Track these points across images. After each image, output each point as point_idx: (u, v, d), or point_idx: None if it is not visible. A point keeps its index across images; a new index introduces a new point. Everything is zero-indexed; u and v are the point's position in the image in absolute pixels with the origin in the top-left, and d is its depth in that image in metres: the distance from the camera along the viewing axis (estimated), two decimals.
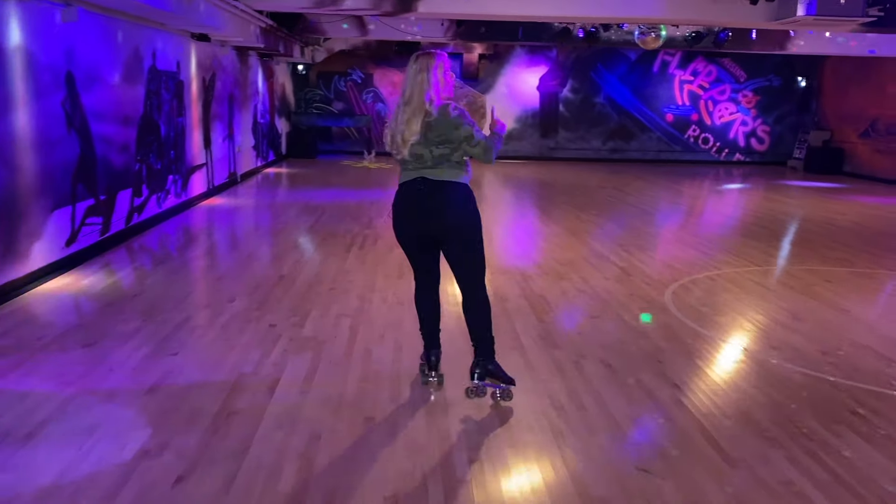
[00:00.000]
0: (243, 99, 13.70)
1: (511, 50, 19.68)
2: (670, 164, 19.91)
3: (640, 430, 3.73)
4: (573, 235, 9.02)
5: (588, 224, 9.95)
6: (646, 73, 19.98)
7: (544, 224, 9.84)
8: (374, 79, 19.74)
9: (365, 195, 12.17)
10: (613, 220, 10.67)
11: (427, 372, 4.21)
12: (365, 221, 9.62)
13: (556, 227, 9.57)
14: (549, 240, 8.74)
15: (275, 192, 12.84)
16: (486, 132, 4.10)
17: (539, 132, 20.10)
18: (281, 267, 6.92)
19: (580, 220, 10.23)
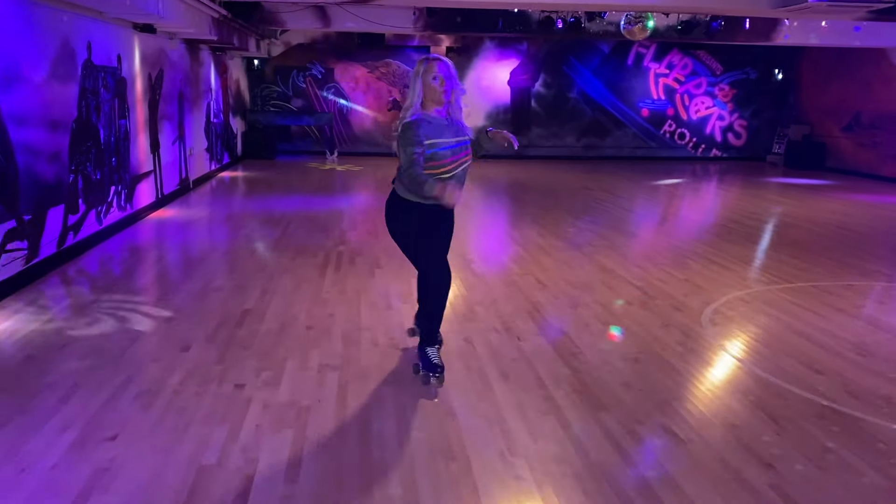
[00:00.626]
0: (195, 97, 12.46)
1: (480, 43, 18.69)
2: (646, 161, 19.15)
3: None
4: (575, 248, 8.07)
5: (586, 233, 9.02)
6: (620, 66, 19.19)
7: (539, 234, 8.86)
8: (336, 74, 18.58)
9: (334, 202, 11.06)
10: (611, 226, 9.77)
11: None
12: (337, 235, 8.53)
13: (554, 239, 8.59)
14: (550, 254, 7.77)
15: (231, 201, 11.65)
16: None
17: (511, 129, 19.09)
18: (245, 298, 5.81)
19: (577, 229, 9.28)
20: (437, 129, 3.93)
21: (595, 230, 9.23)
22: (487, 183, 13.82)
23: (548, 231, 9.07)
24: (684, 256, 7.75)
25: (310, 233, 8.63)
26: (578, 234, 8.96)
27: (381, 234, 8.40)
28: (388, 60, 18.53)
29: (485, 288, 6.28)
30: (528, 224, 9.58)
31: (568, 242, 8.39)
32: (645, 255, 7.77)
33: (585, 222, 9.85)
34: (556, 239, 8.57)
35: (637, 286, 6.45)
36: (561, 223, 9.71)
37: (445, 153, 3.94)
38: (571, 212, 10.81)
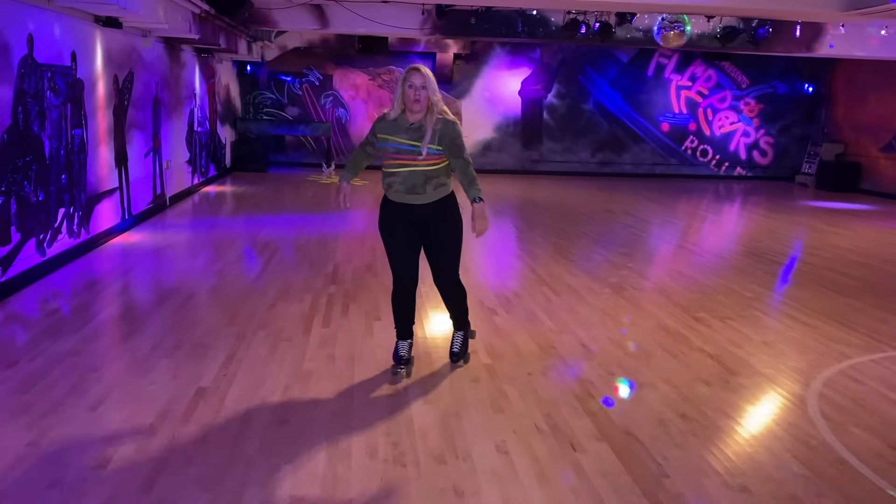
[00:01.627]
0: (174, 103, 11.10)
1: (490, 49, 17.37)
2: (666, 179, 17.83)
3: None
4: (615, 292, 6.69)
5: (622, 270, 7.64)
6: (639, 77, 17.87)
7: (568, 271, 7.50)
8: (335, 81, 17.25)
9: (329, 224, 9.69)
10: (648, 260, 8.42)
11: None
12: (330, 270, 7.16)
13: (587, 279, 7.23)
14: (586, 300, 6.40)
15: (213, 221, 10.27)
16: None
17: (521, 142, 17.83)
18: (202, 370, 4.43)
19: (610, 264, 7.91)
20: (393, 129, 4.26)
21: (632, 266, 7.86)
22: (497, 201, 12.46)
23: (577, 266, 7.71)
24: (749, 306, 6.38)
25: (297, 267, 7.26)
26: (613, 270, 7.59)
27: (380, 269, 7.06)
28: (391, 67, 17.22)
29: (514, 356, 4.91)
30: (551, 256, 8.21)
31: (604, 283, 7.02)
32: (701, 304, 6.40)
33: (617, 254, 8.48)
34: (590, 278, 7.21)
35: (709, 354, 5.07)
36: (590, 256, 8.35)
37: (388, 148, 4.27)
38: (597, 240, 9.45)
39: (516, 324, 5.61)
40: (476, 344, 4.99)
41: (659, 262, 8.31)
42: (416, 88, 4.13)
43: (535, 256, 8.26)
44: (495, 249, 8.75)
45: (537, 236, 9.65)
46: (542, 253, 8.45)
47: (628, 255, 8.49)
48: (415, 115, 4.19)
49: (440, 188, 4.30)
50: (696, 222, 12.10)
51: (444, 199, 4.33)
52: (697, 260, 8.55)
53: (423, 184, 4.24)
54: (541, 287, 6.83)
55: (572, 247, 8.94)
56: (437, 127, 4.16)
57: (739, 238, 10.59)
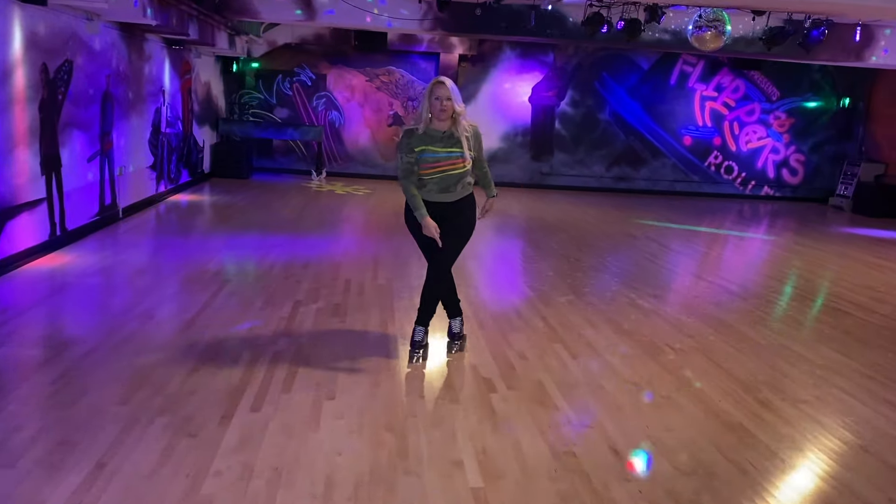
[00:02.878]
0: (134, 100, 9.66)
1: (499, 51, 15.91)
2: (686, 198, 16.32)
3: None
4: (651, 355, 5.19)
5: (655, 320, 6.15)
6: (660, 85, 16.38)
7: (588, 322, 6.06)
8: (328, 81, 15.81)
9: (301, 245, 8.21)
10: (690, 308, 6.91)
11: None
12: (285, 313, 5.67)
13: (616, 336, 5.74)
14: (613, 368, 4.91)
15: (168, 240, 8.80)
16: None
17: (530, 153, 16.35)
18: (51, 488, 2.95)
19: (640, 311, 6.40)
20: (427, 140, 4.52)
21: (665, 314, 6.36)
22: (501, 219, 10.97)
23: (597, 313, 6.22)
24: (825, 381, 4.88)
25: (244, 308, 5.78)
26: (642, 319, 6.10)
27: (350, 311, 5.59)
28: (391, 68, 15.77)
29: (517, 471, 3.42)
30: (565, 297, 6.72)
31: (634, 339, 5.53)
32: (762, 377, 4.89)
33: (644, 295, 6.97)
34: (614, 330, 5.72)
35: (791, 465, 3.57)
36: (613, 298, 6.85)
37: (427, 158, 4.51)
38: (619, 275, 7.96)
39: (521, 409, 4.11)
40: (466, 450, 3.51)
41: (696, 307, 6.81)
42: (441, 100, 4.45)
43: (545, 298, 6.76)
44: (499, 285, 7.27)
45: (547, 268, 8.15)
46: (553, 293, 6.95)
47: (659, 298, 6.98)
48: (442, 124, 4.52)
49: (466, 186, 4.68)
50: (727, 251, 10.61)
51: (466, 196, 4.69)
52: (742, 306, 7.03)
53: (455, 184, 4.60)
54: (553, 344, 5.34)
55: (589, 283, 7.45)
56: (469, 134, 4.57)
57: (782, 274, 9.06)
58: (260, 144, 15.67)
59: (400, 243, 8.58)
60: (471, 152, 4.54)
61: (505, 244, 9.65)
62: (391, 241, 8.82)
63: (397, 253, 8.20)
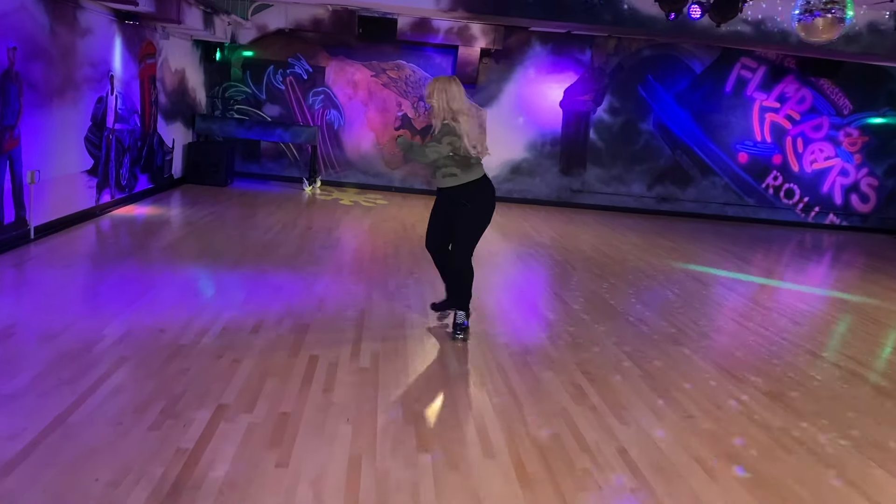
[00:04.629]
0: (60, 85, 7.43)
1: (527, 46, 13.62)
2: (739, 223, 14.00)
3: None
4: (730, 460, 2.90)
5: (726, 400, 3.85)
6: (714, 92, 14.05)
7: (638, 393, 3.81)
8: (328, 75, 13.56)
9: (260, 292, 5.92)
10: (779, 382, 4.59)
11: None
12: (188, 443, 3.37)
13: (677, 420, 3.45)
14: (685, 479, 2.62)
15: (84, 278, 6.50)
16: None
17: (559, 166, 14.04)
18: None
19: (706, 389, 4.08)
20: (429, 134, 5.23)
21: (745, 399, 4.05)
22: (523, 245, 8.65)
23: (652, 384, 3.90)
24: None
25: (126, 417, 3.48)
26: (708, 391, 3.78)
27: (305, 431, 3.28)
28: (400, 62, 13.53)
29: None
30: (607, 360, 4.40)
31: (713, 450, 3.23)
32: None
33: (710, 366, 4.65)
34: (678, 416, 3.40)
35: None
36: (673, 366, 4.51)
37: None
38: (672, 331, 5.61)
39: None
40: None
41: (787, 382, 4.50)
42: (425, 98, 5.11)
43: (583, 360, 4.44)
44: (518, 342, 4.94)
45: (580, 312, 5.97)
46: (594, 359, 4.63)
47: (732, 376, 4.64)
48: (433, 120, 5.09)
49: (449, 177, 5.03)
50: (796, 295, 8.24)
51: (457, 187, 5.03)
52: (830, 373, 4.70)
53: (435, 172, 5.12)
54: (590, 432, 3.02)
55: (635, 338, 5.27)
56: (439, 127, 4.98)
57: (867, 327, 6.70)
58: (245, 146, 13.44)
59: (399, 285, 6.29)
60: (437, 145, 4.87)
61: (526, 280, 7.33)
62: (388, 282, 6.53)
63: (393, 302, 5.92)
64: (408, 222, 10.36)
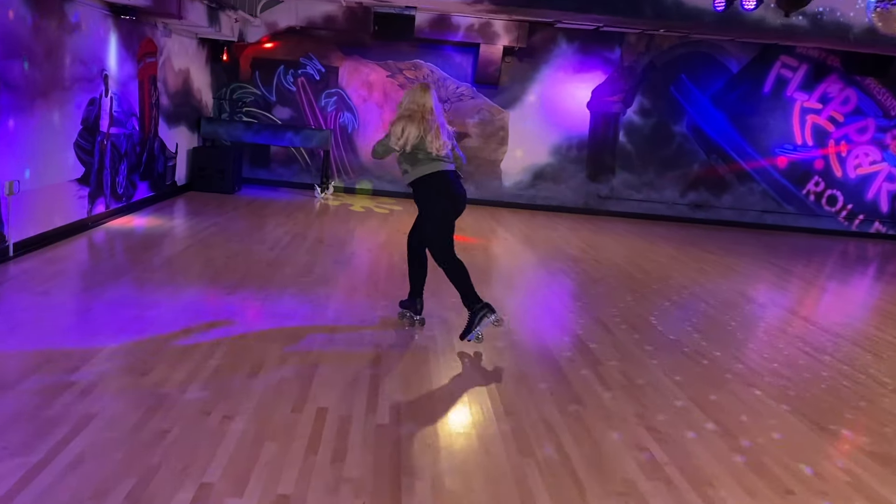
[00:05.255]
0: (45, 85, 6.70)
1: (552, 43, 12.81)
2: (778, 232, 13.13)
3: None
4: None
5: (792, 461, 3.05)
6: (752, 93, 13.17)
7: (685, 451, 3.04)
8: (341, 75, 12.81)
9: (296, 315, 5.16)
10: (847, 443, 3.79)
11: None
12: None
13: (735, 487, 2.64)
14: None
15: (81, 298, 5.78)
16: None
17: (586, 171, 13.21)
18: None
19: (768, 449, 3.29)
20: None
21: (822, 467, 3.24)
22: (547, 257, 7.84)
23: (703, 444, 3.11)
24: None
25: None
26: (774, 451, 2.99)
27: None
28: (418, 61, 12.76)
29: None
30: (644, 406, 3.60)
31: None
32: None
33: (818, 443, 3.84)
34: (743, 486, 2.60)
35: None
36: (724, 408, 3.70)
37: None
38: (755, 384, 4.78)
39: None
40: None
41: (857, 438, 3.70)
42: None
43: (644, 411, 3.64)
44: (564, 386, 4.14)
45: (628, 341, 5.20)
46: (657, 409, 3.83)
47: (823, 429, 3.82)
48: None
49: (403, 174, 5.26)
50: (863, 317, 7.36)
51: (410, 183, 5.22)
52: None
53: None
54: None
55: (699, 377, 4.52)
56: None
57: None
58: (254, 151, 12.72)
59: (428, 315, 5.51)
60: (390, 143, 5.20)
61: (546, 295, 6.51)
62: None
63: (415, 330, 5.14)
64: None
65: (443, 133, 5.14)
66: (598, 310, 6.43)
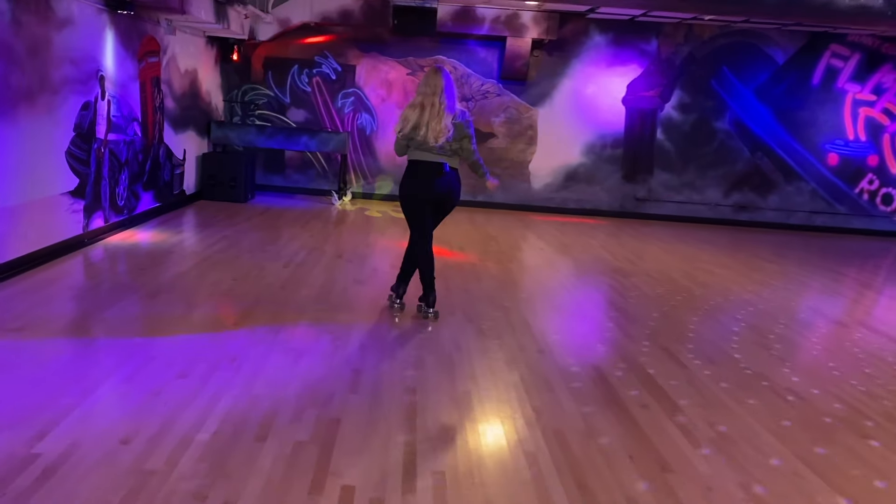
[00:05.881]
0: (28, 88, 5.95)
1: (584, 35, 11.96)
2: (829, 234, 12.20)
3: None
4: None
5: None
6: (799, 85, 12.23)
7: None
8: (359, 74, 12.03)
9: (343, 346, 4.37)
10: None
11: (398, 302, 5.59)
12: None
13: None
14: None
15: (60, 338, 5.02)
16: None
17: (622, 172, 12.34)
18: None
19: None
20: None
21: None
22: (598, 271, 6.96)
23: None
24: None
25: None
26: None
27: None
28: (440, 57, 11.95)
29: None
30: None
31: None
32: None
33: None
34: None
35: None
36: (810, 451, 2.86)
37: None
38: (872, 435, 3.93)
39: None
40: None
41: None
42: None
43: (750, 480, 2.81)
44: (645, 445, 3.31)
45: (708, 379, 4.28)
46: (769, 482, 3.00)
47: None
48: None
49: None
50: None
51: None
52: None
53: None
54: None
55: (808, 428, 3.59)
56: None
57: None
58: (267, 156, 11.97)
59: (455, 342, 4.70)
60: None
61: (620, 322, 5.66)
62: (441, 337, 4.92)
63: (454, 373, 4.32)
64: (454, 243, 8.77)
65: (447, 118, 5.13)
66: (662, 335, 5.57)
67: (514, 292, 6.61)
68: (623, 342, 5.34)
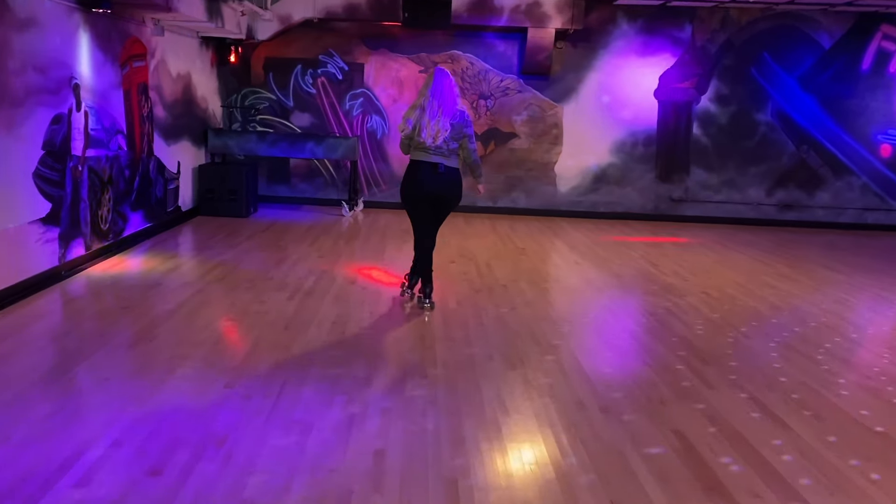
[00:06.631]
0: None
1: (612, 24, 10.98)
2: (883, 233, 11.17)
3: None
4: None
5: None
6: (847, 71, 11.19)
7: None
8: (367, 73, 11.10)
9: (360, 415, 3.45)
10: None
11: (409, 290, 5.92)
12: None
13: None
14: None
15: (18, 404, 4.12)
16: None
17: (656, 171, 11.35)
18: None
19: None
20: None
21: None
22: (651, 294, 5.99)
23: None
24: None
25: None
26: None
27: None
28: (455, 52, 11.01)
29: None
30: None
31: None
32: None
33: None
34: None
35: None
36: None
37: None
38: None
39: None
40: None
41: None
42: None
43: None
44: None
45: (786, 444, 3.23)
46: None
47: None
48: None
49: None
50: None
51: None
52: None
53: None
54: None
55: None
56: None
57: None
58: (270, 165, 11.07)
59: (497, 399, 3.74)
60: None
61: (661, 340, 4.70)
62: (482, 395, 3.97)
63: (505, 446, 3.37)
64: (481, 259, 7.83)
65: (444, 118, 5.27)
66: (748, 379, 4.60)
67: (557, 324, 5.65)
68: (705, 394, 4.36)
